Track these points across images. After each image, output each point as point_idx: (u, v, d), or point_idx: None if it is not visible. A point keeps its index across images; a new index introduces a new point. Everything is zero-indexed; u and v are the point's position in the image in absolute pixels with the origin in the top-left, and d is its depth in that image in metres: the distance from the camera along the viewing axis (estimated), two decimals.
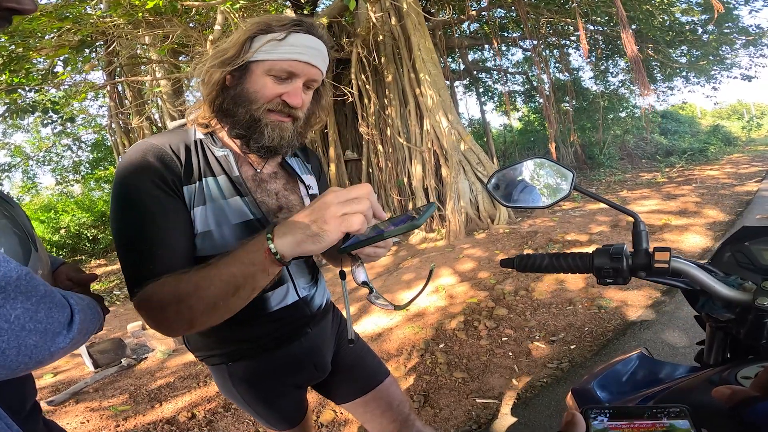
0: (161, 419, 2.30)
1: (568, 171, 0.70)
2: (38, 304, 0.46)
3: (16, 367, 0.45)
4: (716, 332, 0.73)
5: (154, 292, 0.69)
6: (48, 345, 0.47)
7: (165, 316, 0.69)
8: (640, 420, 0.42)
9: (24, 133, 12.32)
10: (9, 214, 0.63)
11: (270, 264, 0.63)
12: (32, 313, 0.45)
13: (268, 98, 0.80)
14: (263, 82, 0.79)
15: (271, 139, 0.82)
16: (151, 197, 0.74)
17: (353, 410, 1.15)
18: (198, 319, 0.67)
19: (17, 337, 0.44)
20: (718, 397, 0.44)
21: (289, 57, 0.78)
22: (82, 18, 4.48)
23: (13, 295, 0.44)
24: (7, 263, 0.44)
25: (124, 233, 0.75)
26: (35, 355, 0.46)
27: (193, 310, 0.66)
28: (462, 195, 5.65)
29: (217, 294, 0.64)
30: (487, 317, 2.94)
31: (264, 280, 0.65)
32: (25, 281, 0.45)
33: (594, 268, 0.65)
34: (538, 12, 8.47)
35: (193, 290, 0.66)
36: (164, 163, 0.76)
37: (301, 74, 0.81)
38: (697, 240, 4.06)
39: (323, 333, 1.04)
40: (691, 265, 0.62)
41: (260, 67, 0.79)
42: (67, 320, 0.51)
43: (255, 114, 0.80)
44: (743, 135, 17.12)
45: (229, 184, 0.83)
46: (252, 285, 0.65)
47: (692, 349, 2.14)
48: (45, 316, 0.47)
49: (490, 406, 2.04)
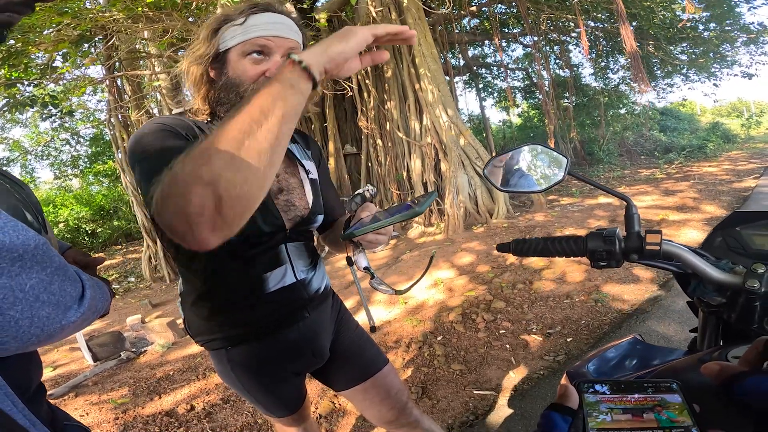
0: (160, 411, 2.31)
1: (563, 157, 0.71)
2: (53, 275, 0.46)
3: (27, 339, 0.44)
4: (708, 318, 0.74)
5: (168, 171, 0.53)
6: (60, 318, 0.47)
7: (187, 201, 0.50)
8: (631, 394, 0.43)
9: (22, 127, 12.27)
10: (20, 197, 0.63)
11: (297, 76, 0.54)
12: (46, 284, 0.45)
13: (252, 78, 0.83)
14: (242, 65, 0.83)
15: None
16: (168, 137, 0.78)
17: (352, 397, 1.17)
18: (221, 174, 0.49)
19: (31, 307, 0.43)
20: (707, 373, 0.45)
21: (255, 35, 0.82)
22: (81, 12, 4.46)
23: (29, 265, 0.43)
24: (26, 232, 0.44)
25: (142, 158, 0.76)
26: (47, 327, 0.45)
27: (213, 159, 0.50)
28: (461, 189, 5.66)
29: (241, 128, 0.51)
30: (485, 310, 2.95)
31: (294, 97, 0.54)
32: (41, 251, 0.45)
33: (588, 251, 0.66)
34: (538, 8, 8.44)
35: (212, 140, 0.51)
36: (179, 123, 0.82)
37: (275, 47, 0.84)
38: (694, 235, 4.08)
39: (322, 318, 1.05)
40: (682, 248, 0.63)
41: (234, 53, 0.84)
42: (79, 295, 0.50)
43: (244, 95, 0.84)
44: (742, 132, 17.13)
45: None
46: (282, 107, 0.53)
47: (687, 340, 2.16)
48: (58, 289, 0.46)
49: (487, 398, 2.06)
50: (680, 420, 0.38)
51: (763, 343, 0.40)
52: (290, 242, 0.96)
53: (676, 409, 0.40)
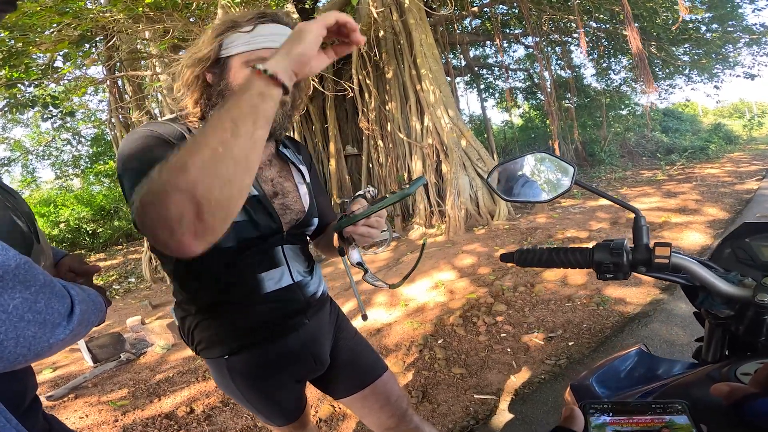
0: (160, 414, 2.31)
1: (569, 165, 0.70)
2: (37, 294, 0.45)
3: (14, 359, 0.43)
4: (715, 329, 0.73)
5: (147, 180, 0.55)
6: (47, 336, 0.46)
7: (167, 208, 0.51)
8: (639, 415, 0.42)
9: (24, 127, 12.29)
10: (11, 205, 0.63)
11: (264, 85, 0.56)
12: (31, 303, 0.44)
13: None
14: (243, 74, 0.83)
15: None
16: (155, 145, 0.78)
17: (351, 405, 1.16)
18: (198, 180, 0.51)
19: (15, 327, 0.42)
20: (717, 393, 0.44)
21: (261, 46, 0.82)
22: (82, 13, 4.45)
23: (11, 285, 0.42)
24: (5, 252, 0.43)
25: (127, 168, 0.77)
26: (34, 346, 0.44)
27: (190, 169, 0.51)
28: (462, 191, 5.64)
29: (216, 137, 0.52)
30: (486, 313, 2.94)
31: (264, 104, 0.56)
32: (23, 270, 0.44)
33: (594, 262, 0.65)
34: (540, 8, 8.42)
35: (188, 149, 0.53)
36: (168, 131, 0.82)
37: None
38: (696, 237, 4.06)
39: (321, 325, 1.05)
40: (691, 260, 0.61)
41: (236, 61, 0.83)
42: (68, 311, 0.49)
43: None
44: (744, 133, 17.09)
45: None
46: (253, 115, 0.55)
47: (690, 345, 2.13)
48: (44, 307, 0.46)
49: (488, 402, 2.05)
50: None
51: None
52: (287, 244, 0.96)
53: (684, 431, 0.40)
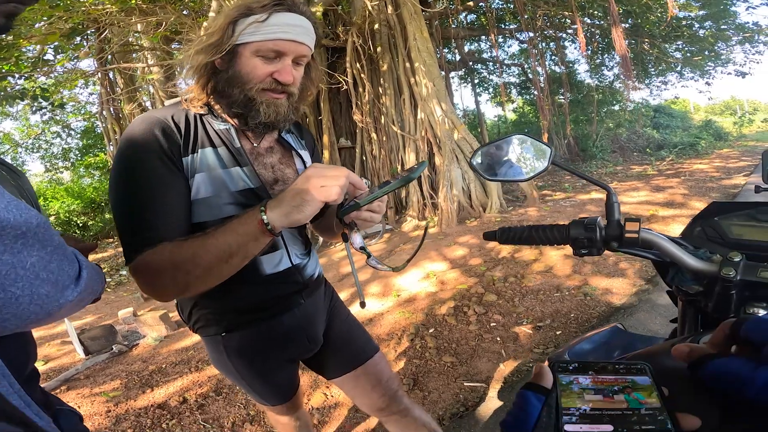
0: (153, 404, 2.31)
1: (547, 147, 0.72)
2: (52, 254, 0.47)
3: (27, 317, 0.45)
4: (687, 307, 0.75)
5: (152, 260, 0.73)
6: (58, 296, 0.48)
7: (161, 281, 0.74)
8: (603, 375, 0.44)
9: (13, 120, 12.09)
10: (16, 183, 0.64)
11: (261, 234, 0.69)
12: (46, 262, 0.46)
13: (260, 78, 0.83)
14: (253, 63, 0.82)
15: (267, 116, 0.86)
16: (153, 169, 0.78)
17: (343, 385, 1.18)
18: (193, 284, 0.73)
19: (31, 285, 0.44)
20: (677, 355, 0.45)
21: (274, 36, 0.81)
22: (73, 5, 4.39)
23: (31, 242, 0.44)
24: (28, 210, 0.45)
25: (124, 202, 0.78)
26: (46, 305, 0.46)
27: (189, 276, 0.72)
28: (455, 183, 5.68)
29: (211, 261, 0.71)
30: (476, 303, 2.98)
31: (255, 248, 0.72)
32: (43, 229, 0.46)
33: (570, 238, 0.68)
34: (535, 4, 8.43)
35: (190, 257, 0.71)
36: (166, 135, 0.80)
37: (289, 52, 0.83)
38: (681, 230, 4.13)
39: (316, 305, 1.07)
40: (660, 236, 0.64)
41: (247, 49, 0.82)
42: (76, 274, 0.51)
43: (249, 94, 0.84)
44: (735, 130, 17.30)
45: (229, 155, 0.87)
46: (244, 253, 0.71)
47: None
48: (57, 268, 0.47)
49: (478, 390, 2.09)
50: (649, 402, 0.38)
51: (729, 325, 0.41)
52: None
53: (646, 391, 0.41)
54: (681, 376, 0.48)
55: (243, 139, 0.92)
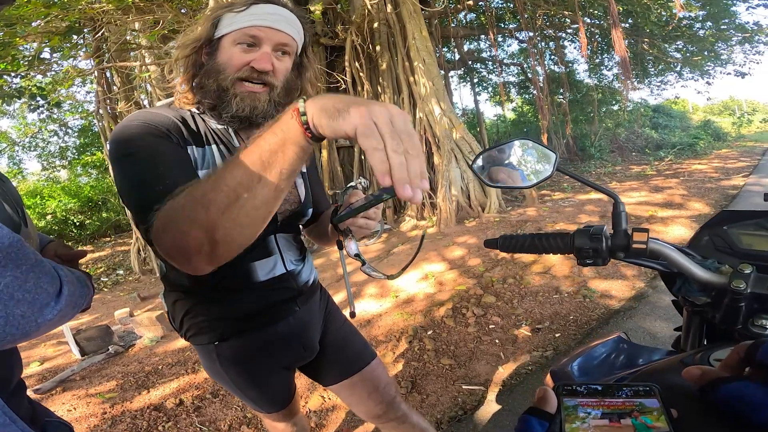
0: (149, 406, 2.29)
1: (551, 152, 0.70)
2: (28, 273, 0.45)
3: (2, 338, 0.43)
4: (693, 317, 0.73)
5: (167, 208, 0.59)
6: (35, 316, 0.46)
7: (181, 231, 0.56)
8: (610, 398, 0.42)
9: (10, 118, 12.01)
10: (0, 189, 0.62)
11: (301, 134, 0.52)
12: (21, 282, 0.44)
13: (237, 67, 0.82)
14: (231, 52, 0.82)
15: (241, 109, 0.83)
16: (157, 140, 0.74)
17: (340, 392, 1.16)
18: (218, 223, 0.54)
19: (5, 306, 0.42)
20: (688, 377, 0.44)
21: (250, 23, 0.80)
22: (69, 4, 4.35)
23: (3, 263, 0.42)
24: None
25: (129, 174, 0.72)
26: (23, 325, 0.44)
27: (211, 210, 0.54)
28: (453, 183, 5.66)
29: (241, 181, 0.53)
30: (475, 305, 2.96)
31: (293, 155, 0.53)
32: (15, 249, 0.44)
33: (574, 248, 0.65)
34: (535, 3, 8.41)
35: (211, 185, 0.55)
36: (166, 123, 0.78)
37: (266, 39, 0.82)
38: (681, 231, 4.12)
39: (311, 312, 1.05)
40: (668, 246, 0.62)
41: (227, 40, 0.83)
42: (56, 291, 0.50)
43: (222, 84, 0.82)
44: (733, 131, 17.33)
45: (230, 155, 0.85)
46: (281, 162, 0.52)
47: (672, 338, 2.18)
48: (34, 286, 0.46)
49: (476, 393, 2.07)
50: (657, 426, 0.37)
51: (744, 348, 0.40)
52: (280, 233, 0.95)
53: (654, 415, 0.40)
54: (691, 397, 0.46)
55: (238, 139, 0.90)
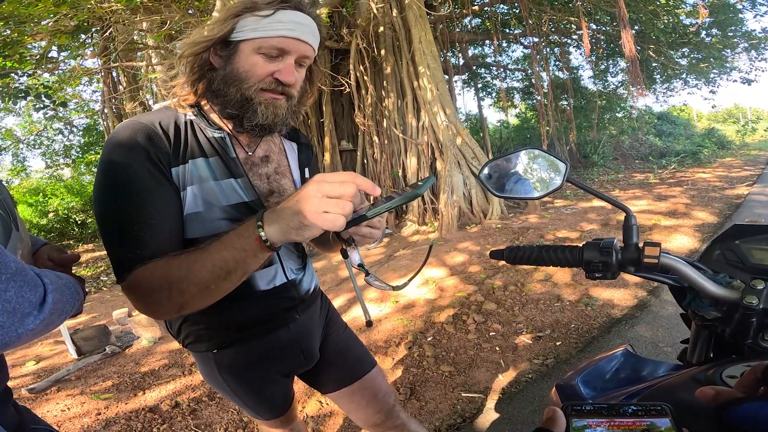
0: (144, 407, 2.27)
1: (561, 162, 0.68)
2: (8, 282, 0.44)
3: None
4: (701, 331, 0.72)
5: (143, 277, 0.69)
6: (16, 326, 0.45)
7: (155, 300, 0.69)
8: (620, 418, 0.41)
9: (15, 116, 12.08)
10: None
11: (260, 250, 0.63)
12: (1, 292, 0.44)
13: (260, 77, 0.78)
14: (254, 60, 0.77)
15: (265, 117, 0.80)
16: (139, 180, 0.72)
17: (339, 400, 1.15)
18: (189, 302, 0.68)
19: None
20: (702, 397, 0.43)
21: (278, 33, 0.75)
22: (79, 3, 4.38)
23: None
24: None
25: (110, 216, 0.73)
26: (2, 336, 0.44)
27: (185, 294, 0.67)
28: (456, 189, 5.64)
29: (208, 278, 0.66)
30: (476, 311, 2.94)
31: (255, 264, 0.66)
32: None
33: (583, 261, 0.64)
34: (540, 9, 8.42)
35: (185, 275, 0.66)
36: (153, 144, 0.74)
37: (293, 51, 0.78)
38: (684, 241, 4.09)
39: (311, 320, 1.03)
40: (680, 261, 0.60)
41: (249, 46, 0.77)
42: (39, 300, 0.49)
43: (246, 93, 0.78)
44: (737, 139, 17.29)
45: (223, 165, 0.81)
46: (243, 269, 0.66)
47: (675, 347, 2.15)
48: (15, 296, 0.45)
49: (476, 400, 2.05)
50: None
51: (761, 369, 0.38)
52: None
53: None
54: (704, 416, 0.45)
55: (237, 147, 0.86)
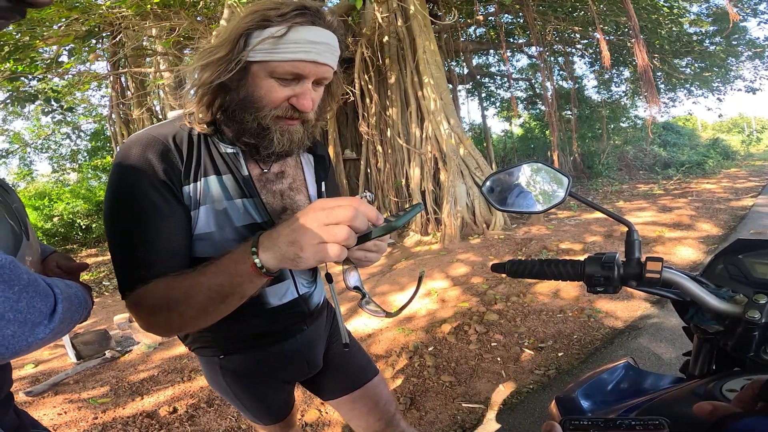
0: (141, 413, 2.26)
1: (564, 176, 0.68)
2: (20, 293, 0.46)
3: None
4: (703, 344, 0.72)
5: (145, 297, 0.69)
6: (26, 336, 0.47)
7: (156, 320, 0.70)
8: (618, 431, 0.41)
9: (24, 120, 12.27)
10: (3, 200, 0.62)
11: (256, 276, 0.61)
12: (13, 302, 0.45)
13: (275, 103, 0.73)
14: (268, 85, 0.72)
15: (281, 145, 0.76)
16: (149, 199, 0.70)
17: (340, 407, 1.15)
18: (189, 324, 0.69)
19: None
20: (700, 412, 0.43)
21: (293, 57, 0.69)
22: (90, 8, 4.47)
23: None
24: None
25: (116, 234, 0.72)
26: (13, 345, 0.45)
27: (184, 316, 0.67)
28: (459, 199, 5.63)
29: (206, 302, 0.65)
30: (477, 322, 2.92)
31: (252, 289, 0.64)
32: (8, 270, 0.45)
33: (585, 276, 0.63)
34: (545, 19, 8.47)
35: (183, 298, 0.66)
36: (166, 161, 0.71)
37: (309, 75, 0.72)
38: (688, 253, 4.06)
39: (318, 330, 1.03)
40: (682, 276, 0.60)
41: (262, 69, 0.71)
42: (50, 310, 0.50)
43: (263, 122, 0.74)
44: (742, 149, 17.21)
45: (235, 184, 0.78)
46: (240, 294, 0.64)
47: (677, 359, 2.12)
48: (26, 306, 0.46)
49: (476, 411, 2.02)
50: None
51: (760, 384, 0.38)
52: None
53: None
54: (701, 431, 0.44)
55: (251, 163, 0.83)
